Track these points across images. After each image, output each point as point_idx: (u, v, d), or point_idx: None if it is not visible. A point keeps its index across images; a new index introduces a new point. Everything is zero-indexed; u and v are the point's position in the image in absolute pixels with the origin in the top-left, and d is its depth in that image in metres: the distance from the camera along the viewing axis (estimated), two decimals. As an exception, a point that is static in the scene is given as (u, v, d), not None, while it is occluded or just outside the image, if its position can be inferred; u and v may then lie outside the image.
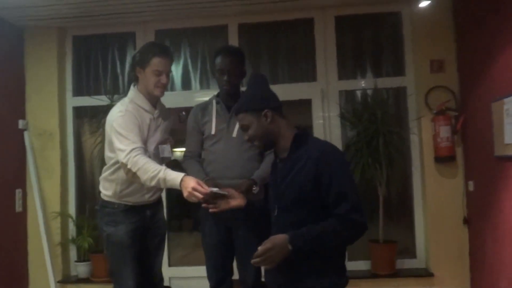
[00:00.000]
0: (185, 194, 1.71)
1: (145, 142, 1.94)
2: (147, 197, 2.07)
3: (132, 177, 1.86)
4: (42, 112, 3.25)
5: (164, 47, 2.08)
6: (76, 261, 3.28)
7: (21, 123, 3.23)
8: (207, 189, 1.69)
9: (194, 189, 1.67)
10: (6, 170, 3.08)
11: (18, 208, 3.18)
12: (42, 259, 3.16)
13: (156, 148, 2.03)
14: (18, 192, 3.19)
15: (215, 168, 2.11)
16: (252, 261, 1.37)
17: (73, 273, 3.33)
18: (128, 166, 1.81)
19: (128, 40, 3.40)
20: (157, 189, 2.07)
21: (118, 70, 3.45)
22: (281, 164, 1.53)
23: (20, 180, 3.22)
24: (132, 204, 2.05)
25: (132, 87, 2.04)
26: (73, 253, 3.33)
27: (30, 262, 3.24)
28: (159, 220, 2.18)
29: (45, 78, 3.28)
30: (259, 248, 1.36)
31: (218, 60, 2.12)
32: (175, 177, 1.75)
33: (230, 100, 2.13)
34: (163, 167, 1.81)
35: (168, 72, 2.01)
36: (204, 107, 2.20)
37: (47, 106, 3.26)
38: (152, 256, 2.17)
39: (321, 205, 1.42)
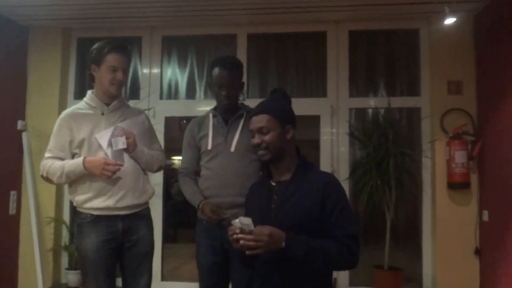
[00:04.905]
0: (97, 172, 1.60)
1: (81, 142, 1.67)
2: (112, 203, 1.64)
3: (51, 182, 1.71)
4: (42, 114, 2.84)
5: (120, 43, 1.74)
6: (66, 269, 2.84)
7: (20, 124, 2.84)
8: (117, 162, 1.62)
9: (106, 164, 1.59)
10: (2, 170, 2.68)
11: (12, 210, 2.77)
12: (32, 264, 2.74)
13: (110, 141, 1.66)
14: (13, 194, 2.78)
15: (212, 185, 1.74)
16: (241, 236, 1.15)
17: (63, 280, 2.89)
18: (40, 173, 1.72)
19: (133, 45, 2.98)
20: (126, 193, 1.66)
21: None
22: (279, 187, 1.30)
23: (16, 182, 2.81)
24: (99, 214, 1.65)
25: (88, 91, 1.77)
26: (65, 260, 2.90)
27: (20, 266, 2.82)
28: (141, 238, 1.72)
29: (47, 79, 2.88)
30: (257, 228, 1.15)
31: (216, 72, 1.75)
32: (77, 163, 1.63)
33: (227, 113, 1.78)
34: (65, 161, 1.66)
35: (124, 69, 1.70)
36: (201, 121, 1.84)
37: (47, 108, 2.84)
38: (134, 278, 1.72)
39: (319, 230, 1.22)
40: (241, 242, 1.14)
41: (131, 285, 1.72)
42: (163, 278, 2.88)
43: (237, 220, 1.16)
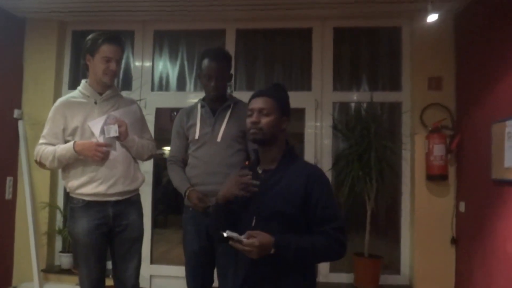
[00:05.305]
0: (89, 154, 1.64)
1: (74, 129, 1.70)
2: (103, 189, 1.69)
3: (44, 167, 1.75)
4: (37, 103, 2.90)
5: (114, 34, 1.77)
6: (60, 252, 2.92)
7: (16, 113, 2.90)
8: (106, 143, 1.65)
9: (98, 145, 1.64)
10: (-1, 157, 2.76)
11: (8, 195, 2.84)
12: (27, 246, 2.82)
13: (102, 129, 1.70)
14: (9, 180, 2.85)
15: (198, 174, 1.80)
16: (231, 243, 1.19)
17: (56, 263, 2.97)
18: (34, 158, 1.76)
19: (126, 39, 3.01)
20: (117, 180, 1.71)
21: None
22: (264, 175, 1.31)
23: (12, 168, 2.88)
24: (90, 199, 1.70)
25: (82, 80, 1.80)
26: (58, 243, 2.98)
27: (16, 249, 2.89)
28: (131, 223, 1.77)
29: (43, 70, 2.94)
30: (245, 240, 1.17)
31: (205, 64, 1.79)
32: (68, 148, 1.66)
33: (215, 104, 1.82)
34: (57, 146, 1.69)
35: (118, 60, 1.73)
36: (189, 111, 1.88)
37: (43, 97, 2.90)
38: (123, 261, 1.78)
39: (303, 221, 1.25)
40: (235, 247, 1.17)
41: (121, 268, 1.77)
42: (152, 261, 2.96)
43: (224, 234, 1.17)
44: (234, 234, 1.17)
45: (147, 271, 2.87)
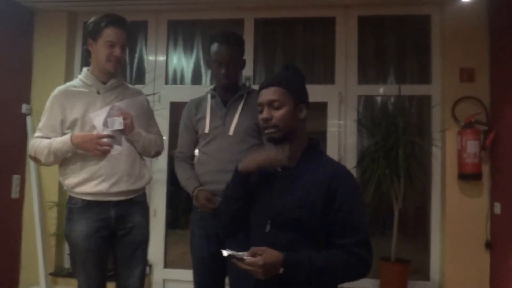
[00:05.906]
0: (90, 147, 1.49)
1: (73, 122, 1.55)
2: (105, 188, 1.52)
3: (39, 163, 1.61)
4: (46, 98, 2.65)
5: (119, 17, 1.59)
6: (69, 254, 2.76)
7: (24, 108, 2.77)
8: (108, 135, 1.52)
9: (99, 137, 1.50)
10: (5, 154, 2.61)
11: (15, 194, 2.70)
12: (35, 248, 2.67)
13: (105, 122, 1.54)
14: (16, 178, 2.71)
15: (208, 171, 1.62)
16: (235, 261, 1.04)
17: (65, 266, 2.82)
18: (28, 153, 1.65)
19: (139, 29, 2.89)
20: (120, 178, 1.55)
21: (127, 59, 2.92)
22: (283, 173, 1.14)
23: (19, 165, 2.74)
24: (90, 199, 1.53)
25: (84, 68, 1.65)
26: (67, 245, 2.82)
27: (23, 250, 2.75)
28: (136, 226, 1.60)
29: (52, 63, 2.80)
30: (247, 258, 1.02)
31: (214, 49, 1.59)
32: (64, 141, 1.51)
33: (227, 94, 1.63)
34: (53, 139, 1.54)
35: (123, 45, 1.57)
36: (198, 103, 1.70)
37: (53, 91, 2.75)
38: (127, 267, 1.61)
39: (323, 230, 1.08)
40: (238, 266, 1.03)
41: (124, 274, 1.60)
42: (167, 264, 2.79)
43: (224, 252, 1.03)
44: (237, 253, 1.02)
45: (160, 275, 2.72)
